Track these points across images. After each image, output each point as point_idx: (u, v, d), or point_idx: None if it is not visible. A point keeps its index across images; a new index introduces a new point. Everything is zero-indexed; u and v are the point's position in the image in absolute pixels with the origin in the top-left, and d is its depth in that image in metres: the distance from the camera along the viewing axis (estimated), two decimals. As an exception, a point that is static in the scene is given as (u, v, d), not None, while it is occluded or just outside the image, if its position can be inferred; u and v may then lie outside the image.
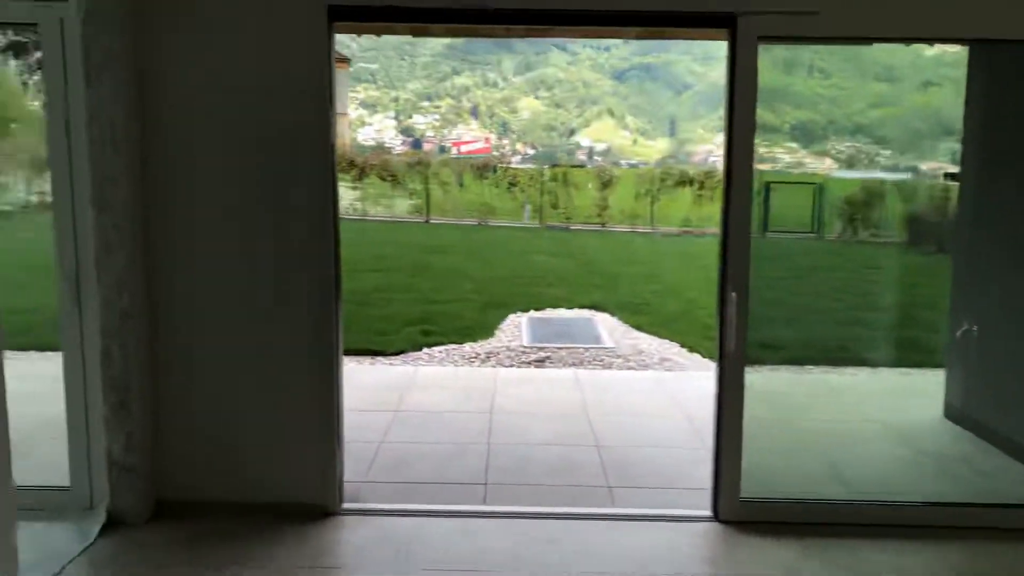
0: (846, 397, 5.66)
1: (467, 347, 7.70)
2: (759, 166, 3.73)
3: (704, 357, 7.46)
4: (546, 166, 21.00)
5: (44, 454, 3.86)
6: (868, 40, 3.83)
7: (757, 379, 6.00)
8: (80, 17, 3.42)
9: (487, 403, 5.79)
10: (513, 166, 21.90)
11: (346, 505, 3.97)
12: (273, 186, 3.68)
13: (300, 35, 3.61)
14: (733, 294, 3.72)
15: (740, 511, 3.85)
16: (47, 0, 3.48)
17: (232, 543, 3.56)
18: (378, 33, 4.78)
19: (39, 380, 3.92)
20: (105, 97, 3.47)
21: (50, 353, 3.89)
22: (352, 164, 19.60)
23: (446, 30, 4.52)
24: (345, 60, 46.92)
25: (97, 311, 3.58)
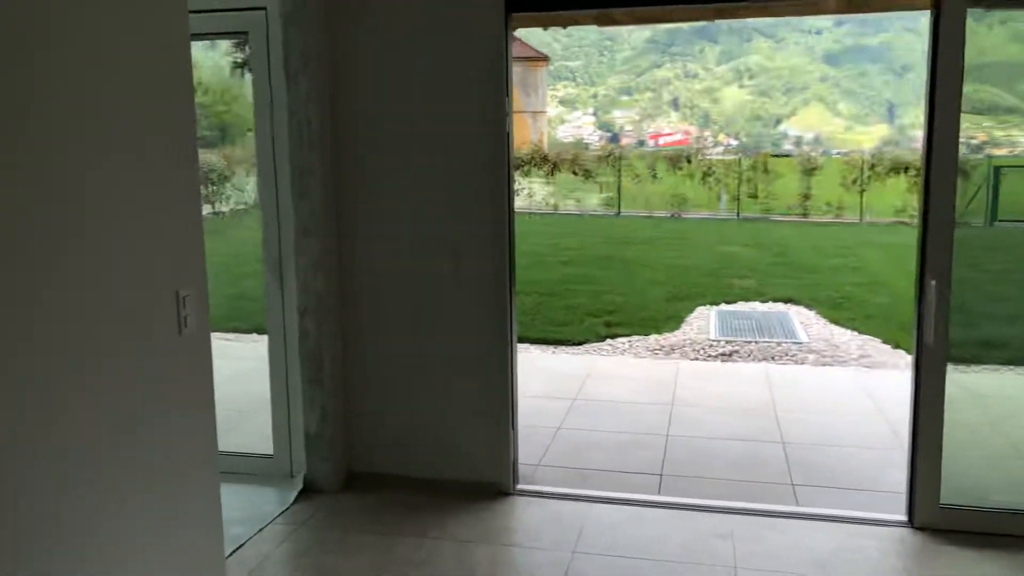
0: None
1: (651, 339, 7.59)
2: (994, 150, 3.35)
3: (909, 354, 6.86)
4: (740, 155, 20.24)
5: (258, 425, 4.24)
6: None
7: (974, 379, 5.46)
8: (280, 22, 3.74)
9: (667, 395, 5.68)
10: (710, 157, 21.26)
11: (521, 486, 4.05)
12: (452, 177, 3.83)
13: (478, 29, 3.71)
14: (932, 282, 3.41)
15: (938, 518, 3.52)
16: (250, 9, 3.82)
17: (414, 514, 3.74)
18: (563, 25, 4.80)
19: (258, 360, 4.30)
20: (302, 96, 3.76)
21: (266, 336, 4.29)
22: (545, 159, 19.91)
23: (632, 17, 4.47)
24: (544, 58, 47.80)
25: (295, 292, 3.90)
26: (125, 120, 2.48)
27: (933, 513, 3.53)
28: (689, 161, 19.10)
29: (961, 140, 3.26)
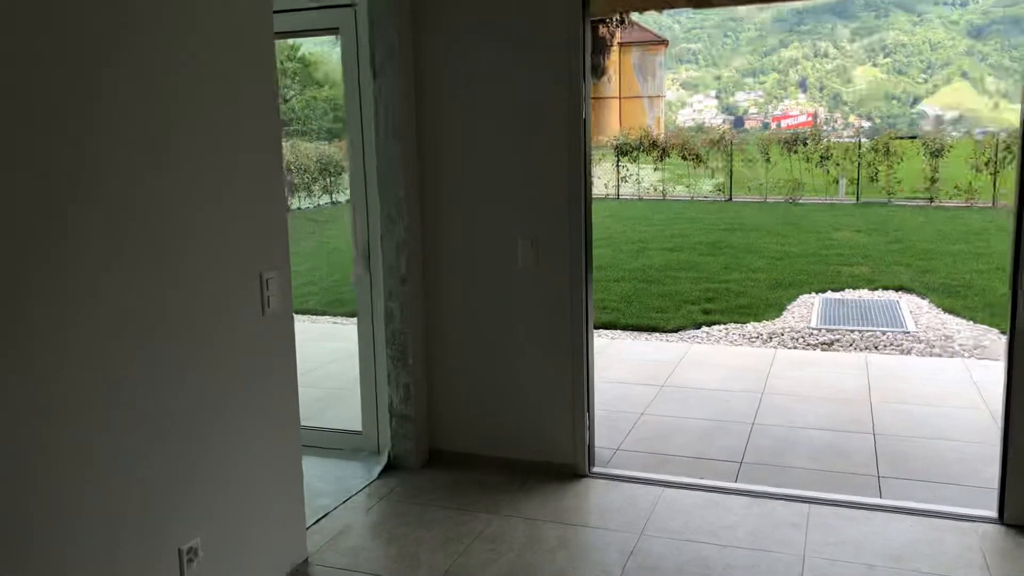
0: None
1: (749, 327, 7.44)
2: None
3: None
4: (860, 138, 19.27)
5: (354, 403, 4.47)
6: None
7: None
8: (367, 19, 3.92)
9: (759, 384, 5.59)
10: (830, 140, 20.37)
11: (596, 469, 4.12)
12: (529, 164, 3.91)
13: (553, 19, 3.77)
14: (1025, 267, 3.24)
15: (1032, 517, 3.36)
16: (341, 7, 4.01)
17: (490, 491, 3.88)
18: (657, 8, 4.80)
19: (355, 341, 4.52)
20: (386, 89, 3.94)
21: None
22: (654, 144, 19.65)
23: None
24: (663, 42, 46.98)
25: (381, 275, 4.10)
26: (212, 111, 2.69)
27: (1025, 510, 3.36)
28: (805, 144, 18.37)
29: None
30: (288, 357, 3.14)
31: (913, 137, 20.24)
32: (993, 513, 3.47)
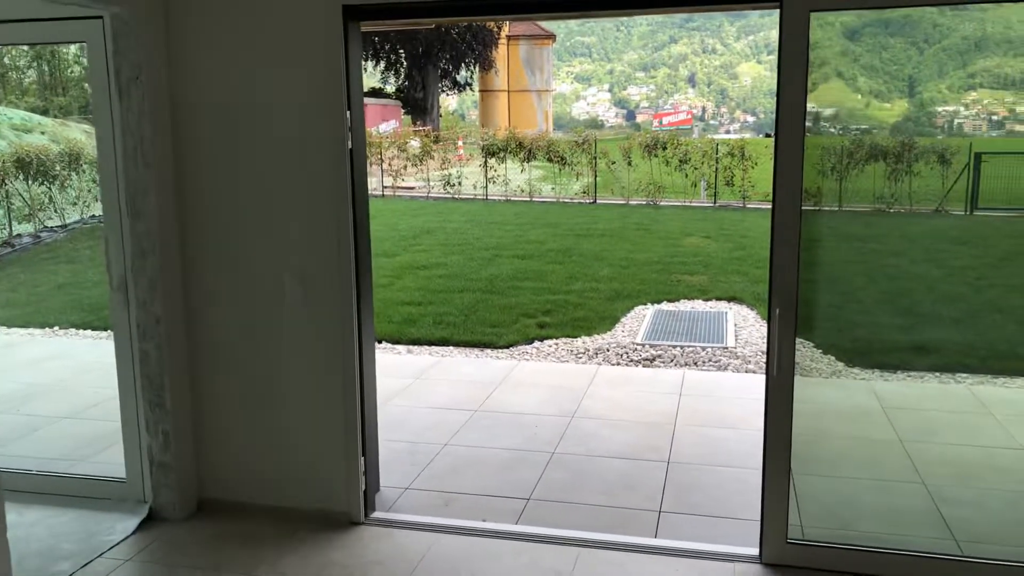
0: (1003, 414, 4.85)
1: (579, 342, 7.43)
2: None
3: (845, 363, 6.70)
4: (703, 136, 19.86)
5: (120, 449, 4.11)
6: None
7: (891, 388, 5.33)
8: (111, 32, 3.57)
9: (572, 406, 5.54)
10: (684, 140, 20.89)
11: (376, 514, 3.93)
12: (292, 192, 3.67)
13: (315, 40, 3.54)
14: (777, 310, 3.26)
15: (787, 554, 3.39)
16: (87, 18, 3.64)
17: (251, 546, 3.62)
18: (401, 26, 4.58)
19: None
20: (134, 110, 3.60)
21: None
22: (520, 146, 19.67)
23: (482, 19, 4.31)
24: (550, 36, 47.25)
25: (136, 314, 3.76)
26: None
27: (781, 549, 3.39)
28: (665, 148, 18.78)
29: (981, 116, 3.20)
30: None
31: (769, 135, 21.03)
32: (755, 551, 3.48)
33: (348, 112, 3.60)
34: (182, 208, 3.79)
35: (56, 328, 7.41)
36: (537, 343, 7.42)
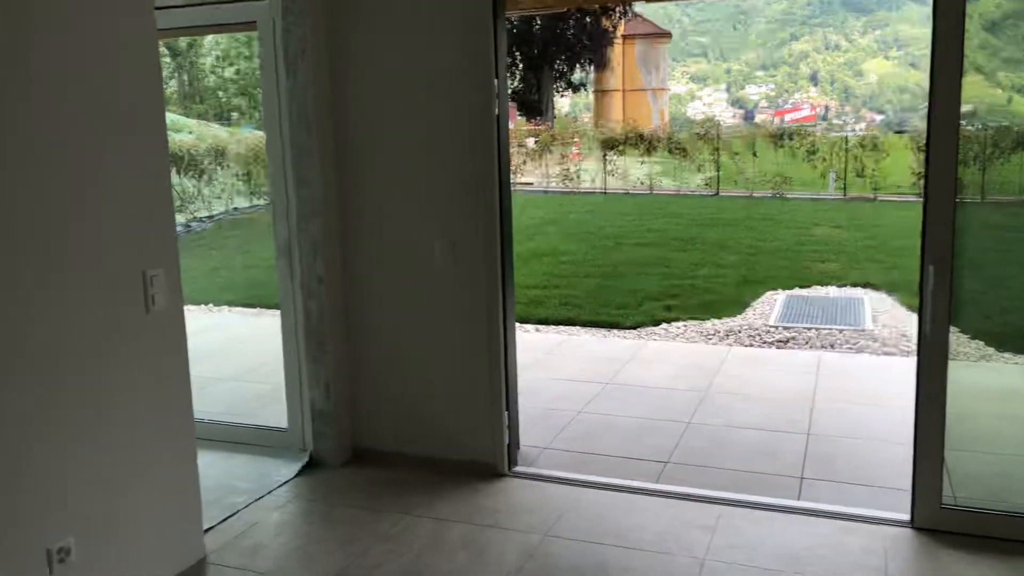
0: None
1: (708, 324, 7.38)
2: None
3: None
4: (847, 132, 19.11)
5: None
6: None
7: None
8: (280, 12, 3.86)
9: (704, 382, 5.53)
10: (817, 133, 20.23)
11: (518, 468, 4.07)
12: (444, 160, 3.86)
13: (466, 15, 3.72)
14: (931, 267, 3.19)
15: (940, 518, 3.30)
16: (255, 0, 3.96)
17: (405, 491, 3.83)
18: (550, 9, 4.70)
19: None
20: (300, 83, 3.88)
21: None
22: (640, 138, 19.55)
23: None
24: (666, 35, 46.71)
25: (300, 273, 4.06)
26: (85, 108, 2.62)
27: (934, 513, 3.31)
28: (791, 138, 18.24)
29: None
30: (178, 353, 3.09)
31: (901, 132, 20.11)
32: (906, 516, 3.41)
33: (495, 80, 3.76)
34: (342, 175, 4.05)
35: (211, 304, 7.98)
36: (665, 325, 7.41)
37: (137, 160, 2.87)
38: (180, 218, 11.74)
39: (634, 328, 7.35)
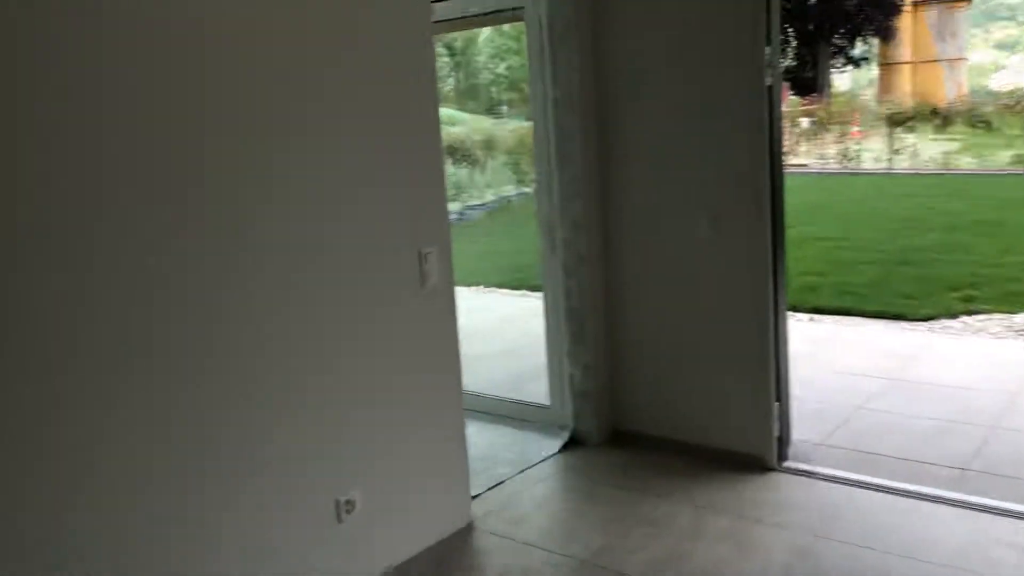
0: None
1: (1019, 317, 6.43)
2: None
3: None
4: None
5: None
6: None
7: None
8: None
9: (1014, 383, 4.82)
10: None
11: (789, 464, 3.80)
12: (710, 137, 3.69)
13: (739, -26, 3.52)
14: None
15: None
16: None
17: (663, 476, 3.74)
18: None
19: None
20: (563, 64, 3.91)
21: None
22: (934, 113, 17.59)
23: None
24: (965, -1, 41.67)
25: (561, 254, 4.10)
26: (365, 95, 2.83)
27: None
28: None
29: None
30: (448, 328, 3.24)
31: None
32: None
33: (767, 49, 3.52)
34: (604, 153, 4.02)
35: (481, 286, 8.39)
36: (964, 317, 6.57)
37: (415, 152, 3.04)
38: (454, 206, 12.54)
39: (925, 320, 6.60)
